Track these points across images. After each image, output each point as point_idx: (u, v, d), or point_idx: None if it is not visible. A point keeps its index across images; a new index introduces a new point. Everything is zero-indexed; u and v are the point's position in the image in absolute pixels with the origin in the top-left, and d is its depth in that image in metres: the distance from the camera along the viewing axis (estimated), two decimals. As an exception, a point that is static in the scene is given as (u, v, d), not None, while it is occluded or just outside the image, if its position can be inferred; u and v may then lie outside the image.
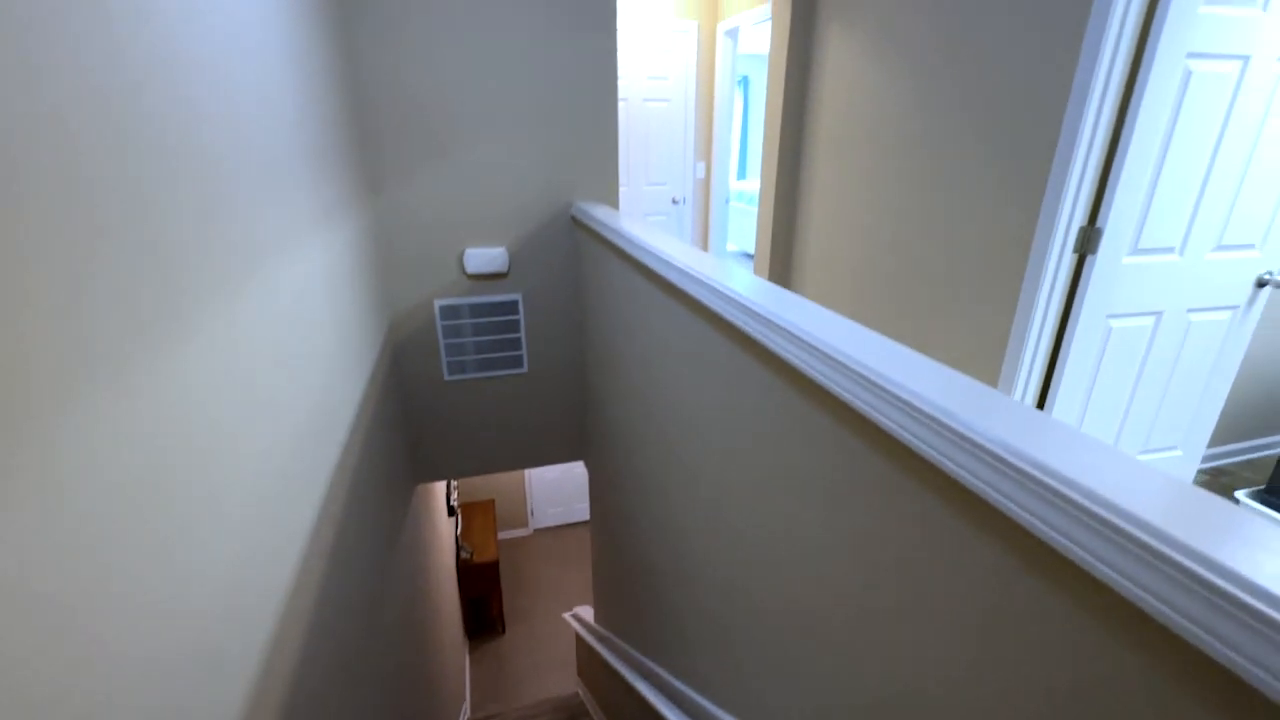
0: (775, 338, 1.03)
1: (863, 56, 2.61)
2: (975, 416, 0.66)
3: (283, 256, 1.39)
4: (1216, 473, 2.63)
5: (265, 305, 1.24)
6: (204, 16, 1.02)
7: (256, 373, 1.15)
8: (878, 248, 2.64)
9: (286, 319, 1.37)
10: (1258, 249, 2.04)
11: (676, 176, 4.28)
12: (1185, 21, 1.64)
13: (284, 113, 1.46)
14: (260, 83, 1.32)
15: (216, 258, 0.99)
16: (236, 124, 1.14)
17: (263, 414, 1.16)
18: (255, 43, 1.31)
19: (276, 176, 1.38)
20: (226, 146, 1.07)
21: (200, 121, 0.97)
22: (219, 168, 1.03)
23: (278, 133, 1.40)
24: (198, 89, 0.97)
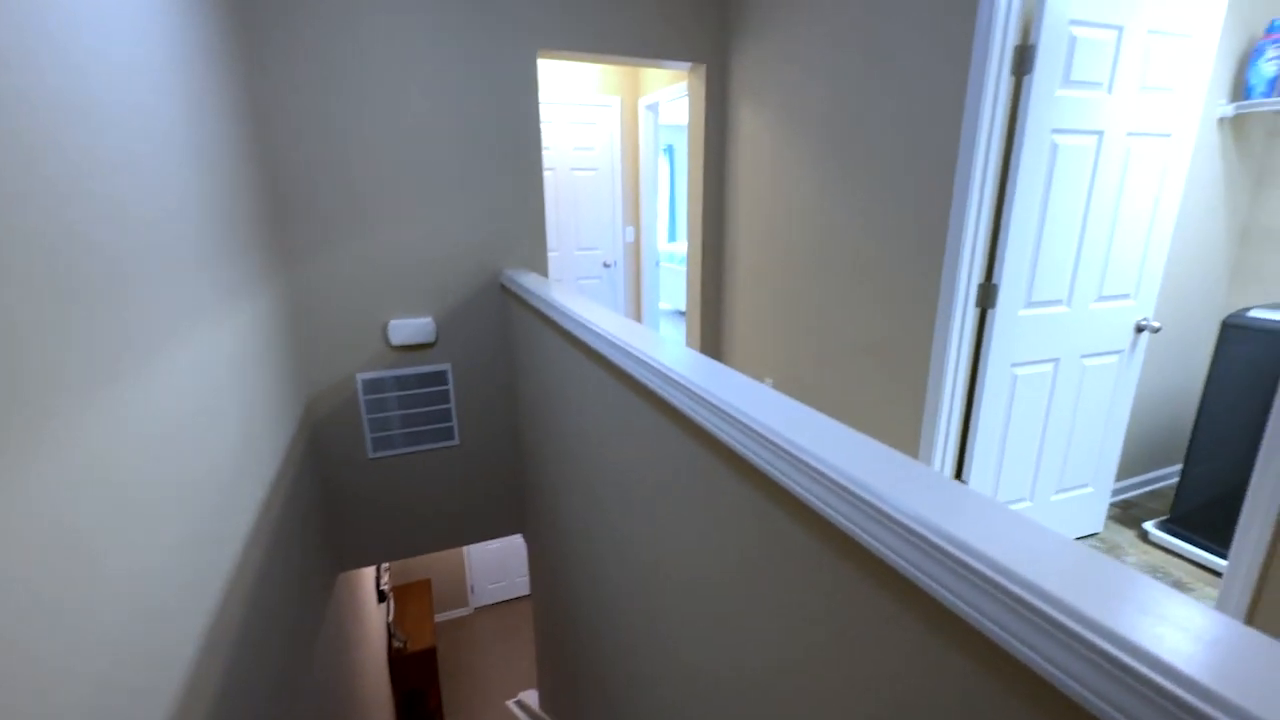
0: (699, 409, 1.03)
1: (772, 130, 2.79)
2: (888, 487, 0.67)
3: (174, 344, 1.29)
4: (1125, 505, 2.80)
5: (146, 400, 1.13)
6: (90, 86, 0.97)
7: (132, 476, 1.03)
8: (800, 306, 2.75)
9: (176, 414, 1.26)
10: (1133, 298, 2.24)
11: (607, 241, 4.37)
12: (1046, 103, 1.84)
13: (175, 191, 1.39)
14: (148, 159, 1.26)
15: (81, 350, 0.90)
16: (115, 203, 1.07)
17: (138, 521, 1.04)
18: (141, 120, 1.25)
19: (163, 255, 1.30)
20: (104, 232, 1.00)
21: (65, 204, 0.90)
22: (87, 250, 0.96)
23: (165, 208, 1.33)
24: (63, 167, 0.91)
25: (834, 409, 2.62)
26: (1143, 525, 2.56)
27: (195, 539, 1.31)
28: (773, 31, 2.71)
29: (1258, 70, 2.29)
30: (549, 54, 2.77)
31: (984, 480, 2.20)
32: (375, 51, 2.41)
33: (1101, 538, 2.53)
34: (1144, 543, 2.49)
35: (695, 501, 1.13)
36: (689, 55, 3.02)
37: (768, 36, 2.75)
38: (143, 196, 1.20)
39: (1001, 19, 1.75)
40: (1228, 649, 0.44)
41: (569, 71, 4.00)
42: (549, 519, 2.46)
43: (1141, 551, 2.44)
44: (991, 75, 1.80)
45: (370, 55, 2.41)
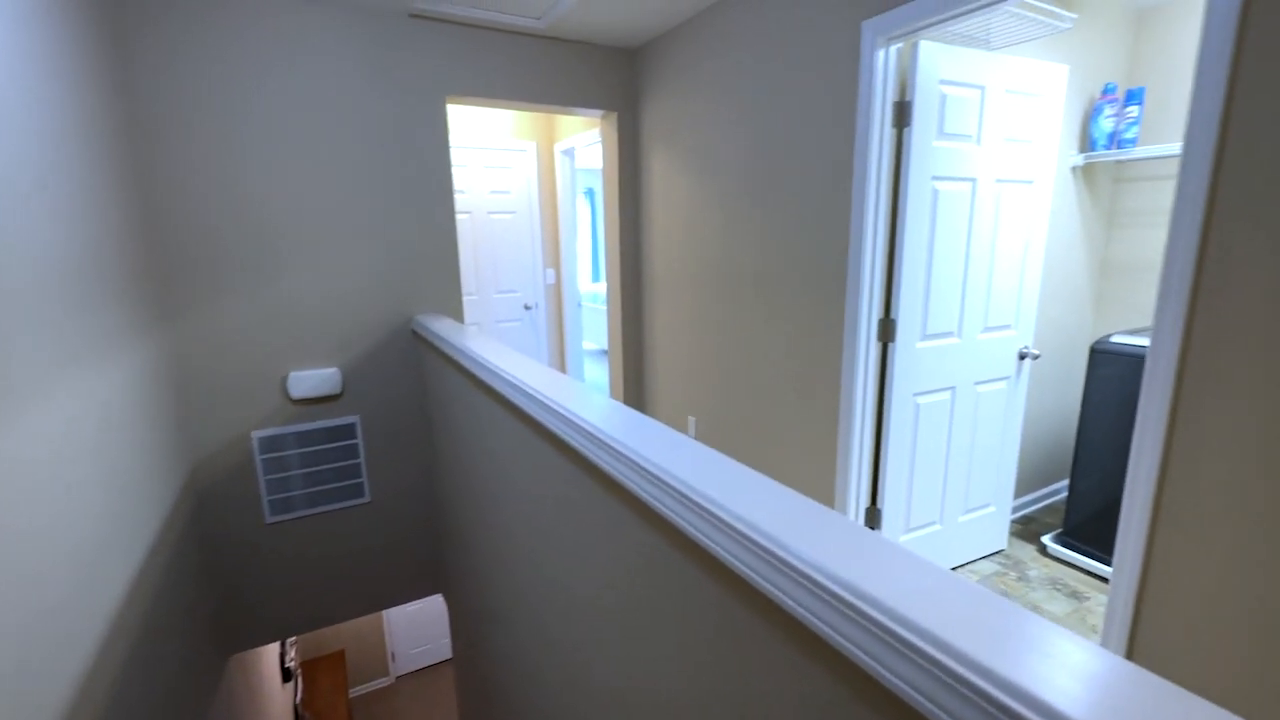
0: (613, 461, 1.00)
1: (684, 174, 2.89)
2: (787, 532, 0.66)
3: (14, 407, 1.13)
4: (1025, 521, 2.98)
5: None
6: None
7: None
8: (719, 344, 2.80)
9: (17, 487, 1.10)
10: (1014, 328, 2.43)
11: (527, 284, 4.33)
12: (925, 153, 2.01)
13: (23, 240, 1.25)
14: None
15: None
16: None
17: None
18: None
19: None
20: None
21: None
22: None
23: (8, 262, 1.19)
24: None
25: (756, 444, 2.66)
26: (1041, 539, 2.73)
27: (43, 632, 1.13)
28: (680, 82, 2.83)
29: (1098, 125, 2.60)
30: (458, 99, 2.76)
31: (897, 506, 2.28)
32: (273, 95, 2.32)
33: (1006, 554, 2.67)
34: (1044, 556, 2.65)
35: (612, 556, 1.09)
36: (600, 103, 3.10)
37: (675, 87, 2.87)
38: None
39: (880, 76, 1.91)
40: (1108, 686, 0.45)
41: (483, 116, 4.01)
42: (468, 577, 2.33)
43: (1042, 565, 2.59)
44: (875, 127, 1.94)
45: (268, 99, 2.31)
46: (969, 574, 2.52)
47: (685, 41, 2.74)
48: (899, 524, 2.31)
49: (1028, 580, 2.48)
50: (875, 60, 1.89)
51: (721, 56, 2.54)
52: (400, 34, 2.52)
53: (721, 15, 2.51)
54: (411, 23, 2.54)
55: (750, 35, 2.37)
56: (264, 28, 2.27)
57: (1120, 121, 2.57)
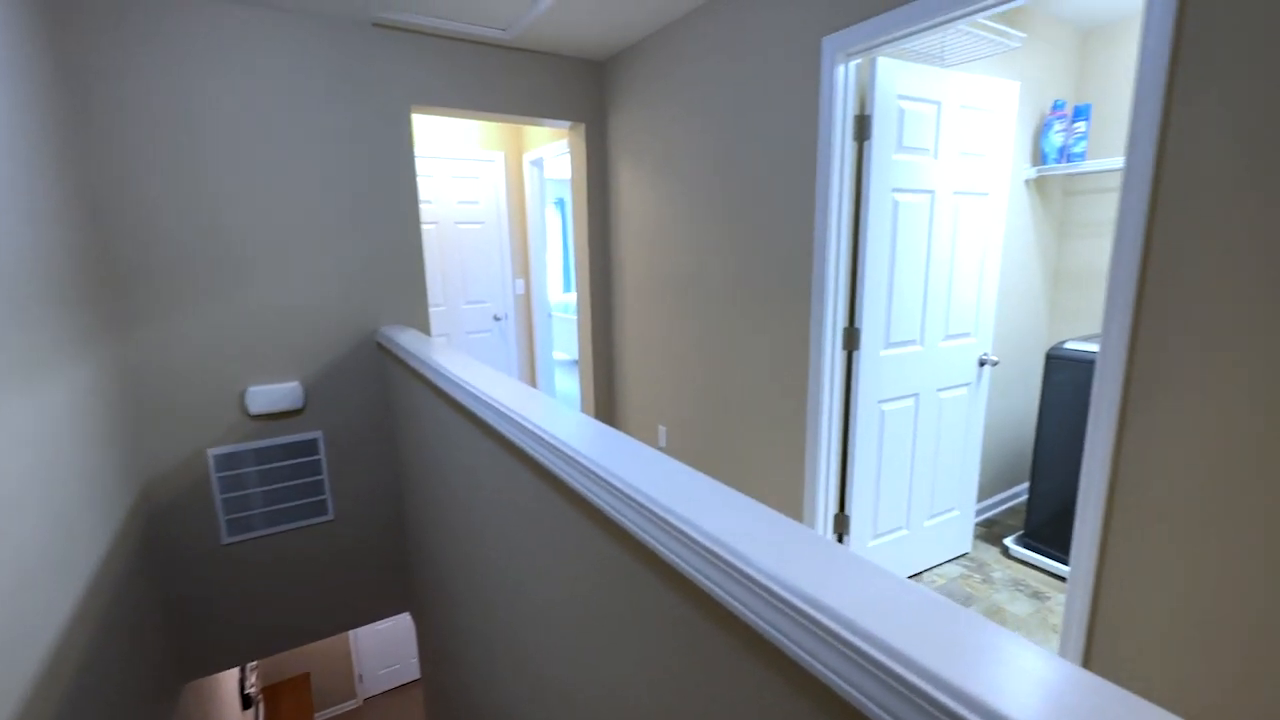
0: (578, 476, 0.99)
1: (652, 185, 2.90)
2: (755, 551, 0.66)
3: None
4: (989, 524, 3.05)
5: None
6: None
7: None
8: (688, 353, 2.81)
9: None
10: (974, 336, 2.50)
11: (496, 294, 4.30)
12: (885, 165, 2.06)
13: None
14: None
15: None
16: None
17: None
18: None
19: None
20: None
21: None
22: None
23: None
24: None
25: (726, 453, 2.67)
26: (1004, 541, 2.79)
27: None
28: (647, 95, 2.86)
29: (1049, 140, 2.70)
30: (424, 109, 2.74)
31: (864, 512, 2.31)
32: (229, 103, 2.27)
33: (971, 557, 2.73)
34: (1006, 558, 2.71)
35: (578, 570, 1.08)
36: (568, 115, 3.10)
37: (643, 99, 2.89)
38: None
39: (840, 91, 1.95)
40: (1059, 693, 0.45)
41: (450, 126, 3.98)
42: (436, 593, 2.28)
43: (1005, 566, 2.65)
44: (837, 140, 1.98)
45: (223, 107, 2.26)
46: (935, 577, 2.57)
47: (652, 54, 2.77)
48: (867, 530, 2.34)
49: (991, 582, 2.53)
50: (835, 75, 1.94)
51: (687, 69, 2.57)
52: (363, 43, 2.49)
53: (687, 29, 2.54)
54: (375, 32, 2.51)
55: (715, 49, 2.41)
56: (220, 35, 2.22)
57: (1069, 136, 2.68)
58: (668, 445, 3.06)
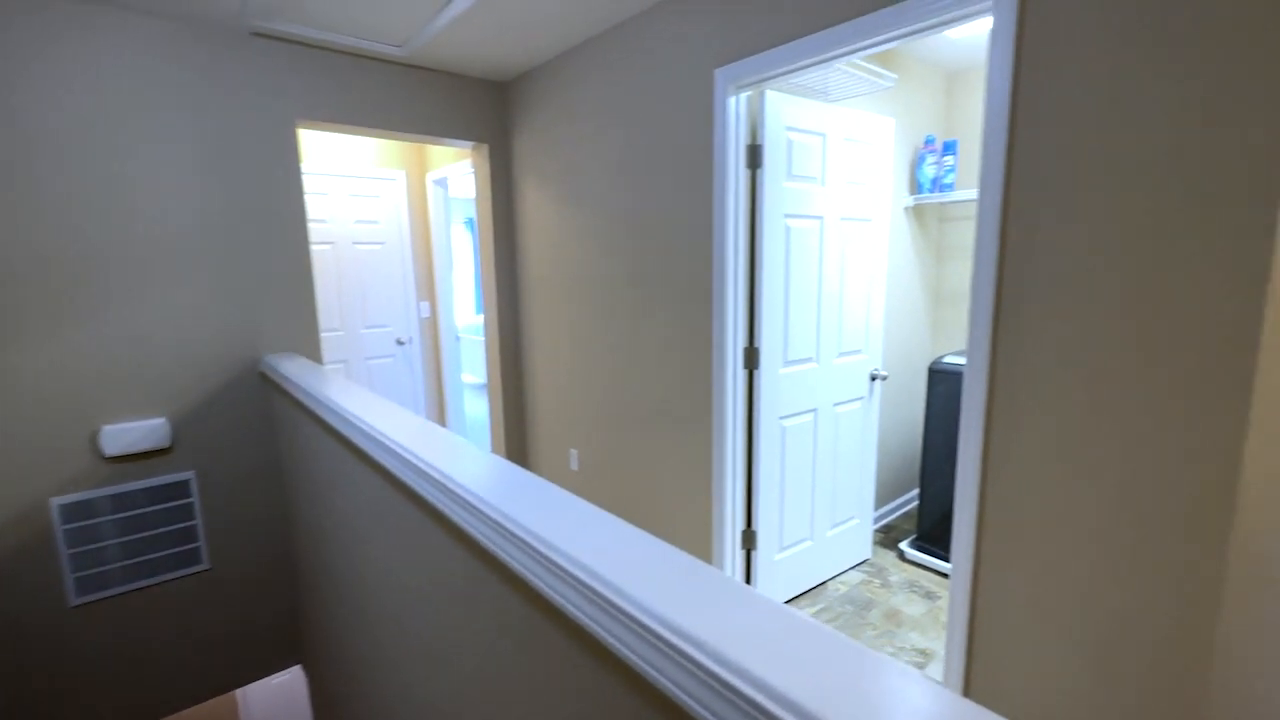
0: (472, 520, 0.94)
1: (557, 207, 2.90)
2: (626, 581, 0.64)
3: None
4: (887, 529, 3.23)
5: None
6: None
7: None
8: (598, 375, 2.80)
9: None
10: (865, 353, 2.65)
11: (400, 317, 4.11)
12: (777, 192, 2.16)
13: None
14: None
15: None
16: None
17: None
18: None
19: None
20: None
21: None
22: None
23: None
24: None
25: (637, 474, 2.67)
26: (899, 545, 2.95)
27: None
28: (551, 117, 2.86)
29: (923, 171, 2.95)
30: (312, 125, 2.60)
31: (770, 527, 2.37)
32: (78, 106, 2.04)
33: (871, 562, 2.86)
34: (902, 561, 2.87)
35: (469, 612, 1.03)
36: (471, 135, 3.05)
37: (547, 121, 2.89)
38: None
39: (733, 121, 2.03)
40: (892, 704, 0.47)
41: (346, 143, 3.80)
42: (330, 643, 2.10)
43: (901, 569, 2.80)
44: (731, 167, 2.06)
45: (71, 109, 2.03)
46: (839, 585, 2.67)
47: (555, 77, 2.78)
48: (773, 544, 2.40)
49: (889, 585, 2.66)
50: (727, 105, 2.02)
51: (590, 93, 2.59)
52: (242, 53, 2.34)
53: (589, 54, 2.57)
54: (255, 42, 2.36)
55: (616, 75, 2.45)
56: (56, 30, 2.00)
57: (940, 168, 2.93)
58: (579, 468, 3.02)
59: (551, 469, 3.25)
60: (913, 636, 2.30)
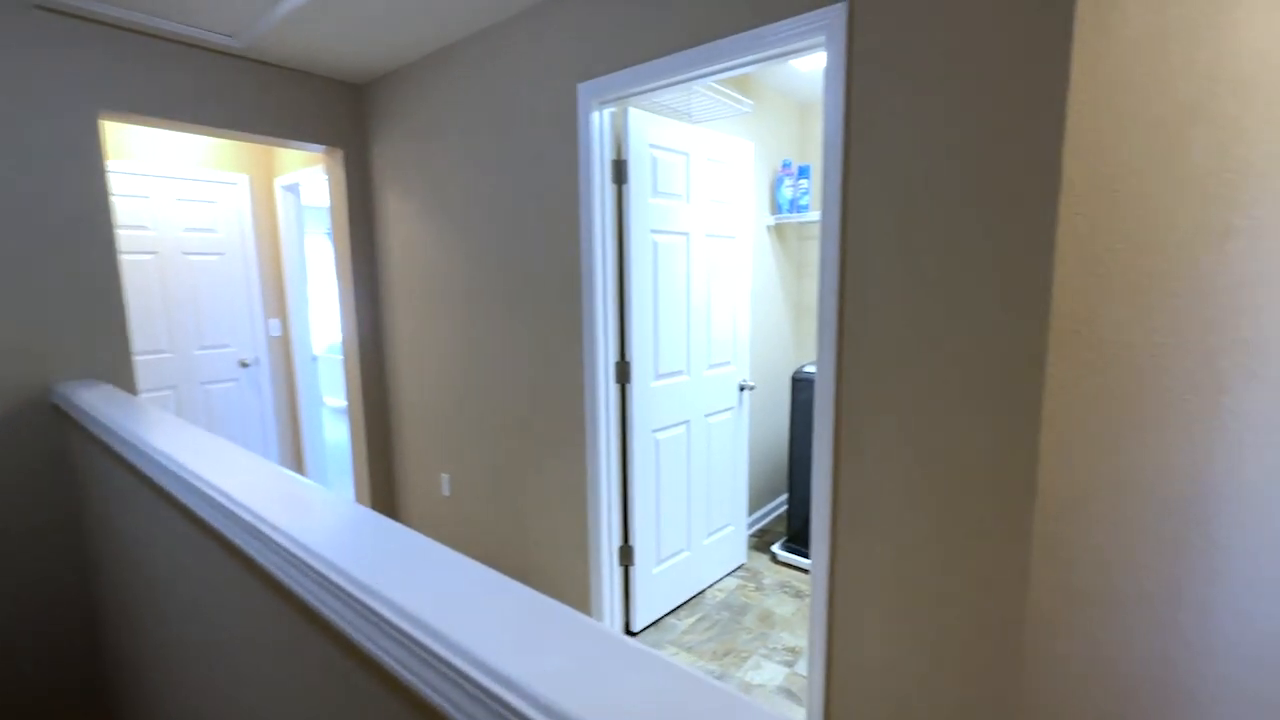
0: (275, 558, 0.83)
1: (422, 218, 2.74)
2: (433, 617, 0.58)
3: None
4: (760, 534, 3.37)
5: None
6: None
7: None
8: (470, 394, 2.67)
9: None
10: (733, 364, 2.76)
11: (244, 336, 3.69)
12: (643, 208, 2.19)
13: None
14: None
15: None
16: None
17: None
18: None
19: None
20: None
21: None
22: None
23: None
24: None
25: (511, 495, 2.57)
26: (772, 548, 3.08)
27: None
28: (414, 124, 2.71)
29: (781, 193, 3.15)
30: (121, 118, 2.27)
31: (647, 540, 2.37)
32: None
33: (747, 567, 2.96)
34: (775, 563, 2.99)
35: (292, 674, 0.90)
36: (323, 139, 2.82)
37: (409, 128, 2.74)
38: None
39: (597, 136, 2.03)
40: None
41: (174, 141, 3.36)
42: (142, 715, 1.79)
43: (774, 572, 2.92)
44: (597, 182, 2.05)
45: None
46: (717, 591, 2.73)
47: (417, 82, 2.65)
48: (651, 557, 2.40)
49: (763, 588, 2.76)
50: (591, 120, 2.02)
51: (455, 102, 2.49)
52: (25, 31, 1.99)
53: (452, 61, 2.47)
54: (41, 18, 2.02)
55: (482, 84, 2.37)
56: None
57: (796, 191, 3.14)
58: (452, 493, 2.86)
59: (421, 496, 3.05)
60: (784, 636, 2.39)
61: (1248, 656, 1.44)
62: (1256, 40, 1.20)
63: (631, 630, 2.40)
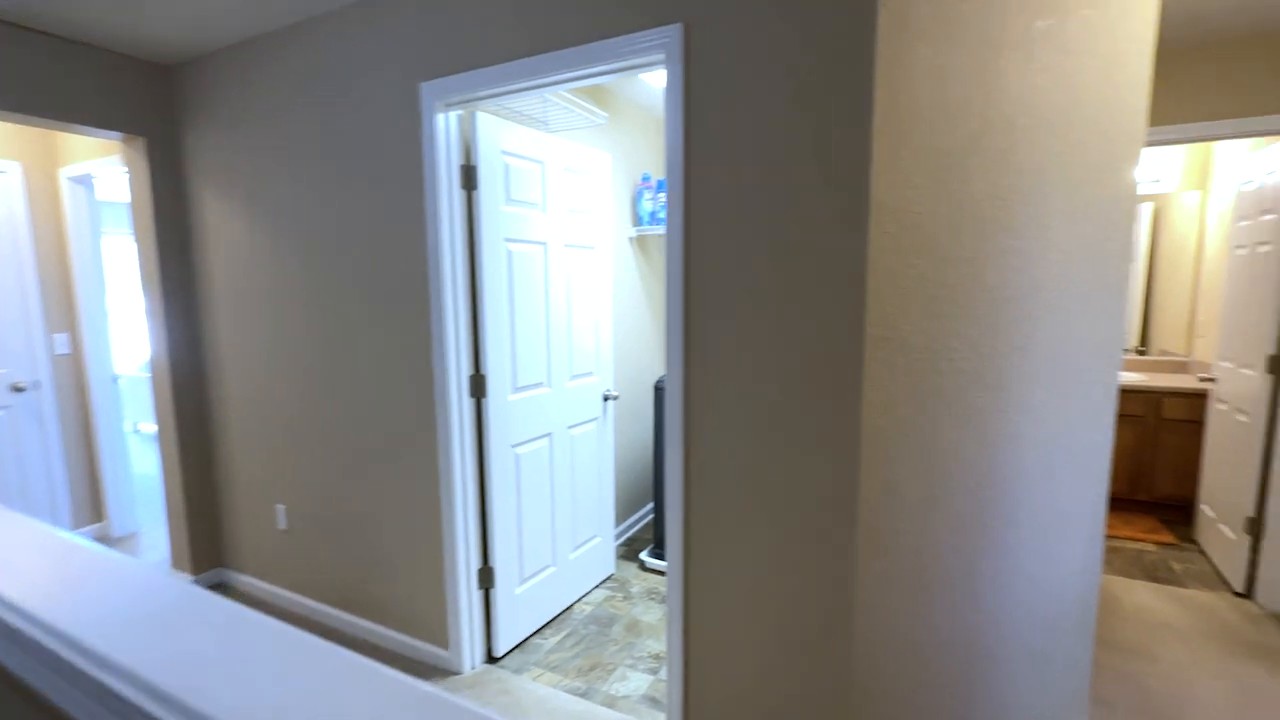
0: None
1: (245, 221, 2.46)
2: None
3: None
4: (629, 542, 3.39)
5: None
6: None
7: None
8: (307, 417, 2.42)
9: None
10: (596, 374, 2.75)
11: (18, 355, 3.07)
12: (496, 215, 2.11)
13: None
14: None
15: None
16: None
17: None
18: None
19: None
20: None
21: None
22: None
23: None
24: None
25: (356, 524, 2.36)
26: (640, 556, 3.11)
27: None
28: (236, 114, 2.42)
29: (641, 205, 3.22)
30: None
31: (509, 560, 2.28)
32: None
33: (616, 577, 2.95)
34: (643, 571, 3.01)
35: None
36: (119, 124, 2.43)
37: (231, 118, 2.44)
38: None
39: (443, 139, 1.94)
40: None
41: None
42: None
43: (642, 579, 2.94)
44: (444, 187, 1.95)
45: None
46: (584, 605, 2.69)
47: (240, 68, 2.37)
48: (513, 577, 2.31)
49: (631, 597, 2.77)
50: (436, 123, 1.92)
51: (284, 92, 2.26)
52: None
53: (280, 46, 2.24)
54: None
55: (315, 75, 2.17)
56: None
57: (656, 203, 3.22)
58: (289, 526, 2.57)
59: (252, 532, 2.71)
60: (650, 643, 2.41)
61: (1033, 616, 1.67)
62: (1015, 87, 1.41)
63: (494, 656, 2.29)
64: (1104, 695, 2.07)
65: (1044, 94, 1.44)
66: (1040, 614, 1.67)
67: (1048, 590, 1.66)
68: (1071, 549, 1.68)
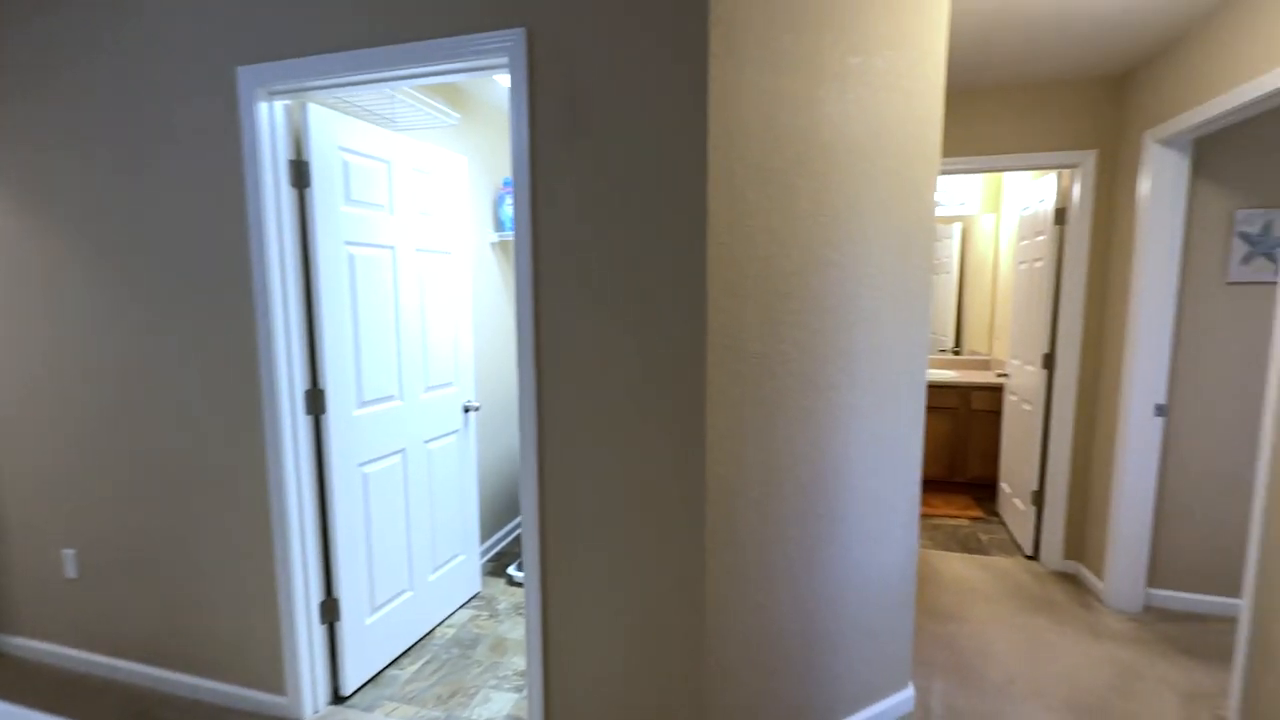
0: None
1: (14, 212, 2.06)
2: None
3: None
4: (497, 557, 3.28)
5: None
6: None
7: None
8: (106, 448, 2.08)
9: None
10: (455, 385, 2.64)
11: None
12: (334, 217, 1.95)
13: None
14: None
15: None
16: None
17: None
18: None
19: None
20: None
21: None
22: None
23: None
24: None
25: (169, 567, 2.06)
26: (508, 571, 3.02)
27: None
28: (3, 82, 2.03)
29: (503, 211, 3.14)
30: None
31: (357, 589, 2.11)
32: None
33: (482, 595, 2.84)
34: (511, 585, 2.93)
35: None
36: None
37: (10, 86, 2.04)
38: None
39: (267, 131, 1.76)
40: None
41: None
42: None
43: (509, 595, 2.85)
44: (269, 184, 1.78)
45: None
46: (447, 628, 2.56)
47: (6, 21, 1.99)
48: (363, 607, 2.14)
49: (498, 614, 2.68)
50: (259, 113, 1.74)
51: (70, 62, 1.93)
52: None
53: (58, 13, 1.91)
54: None
55: (108, 47, 1.88)
56: None
57: (519, 209, 3.16)
58: (80, 574, 2.19)
59: (32, 584, 2.28)
60: (516, 660, 2.34)
61: (863, 595, 1.84)
62: (833, 114, 1.55)
63: (342, 695, 2.10)
64: (924, 657, 2.33)
65: (856, 122, 1.59)
66: (870, 593, 1.84)
67: (874, 572, 1.84)
68: (891, 533, 1.87)
